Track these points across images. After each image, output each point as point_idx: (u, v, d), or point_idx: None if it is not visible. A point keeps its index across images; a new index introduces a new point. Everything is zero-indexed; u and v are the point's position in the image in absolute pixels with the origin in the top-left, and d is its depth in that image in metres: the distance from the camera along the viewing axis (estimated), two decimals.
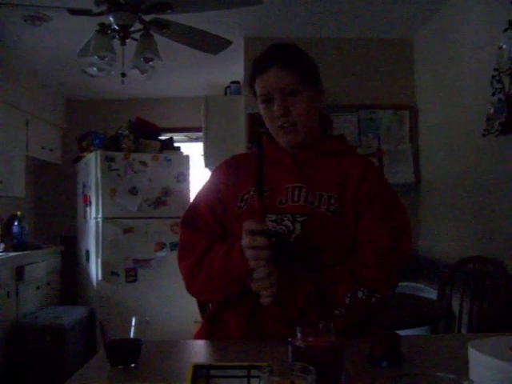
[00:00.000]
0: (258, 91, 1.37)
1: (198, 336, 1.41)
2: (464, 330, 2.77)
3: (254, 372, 0.73)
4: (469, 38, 3.01)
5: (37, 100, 4.82)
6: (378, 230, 1.29)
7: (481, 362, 0.64)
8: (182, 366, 1.01)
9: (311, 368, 0.63)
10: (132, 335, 1.09)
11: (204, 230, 1.40)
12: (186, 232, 1.43)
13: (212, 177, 1.51)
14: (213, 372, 0.75)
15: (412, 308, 2.54)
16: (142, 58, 2.77)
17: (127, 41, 2.80)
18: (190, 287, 1.38)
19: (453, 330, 2.85)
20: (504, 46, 2.46)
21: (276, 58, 1.35)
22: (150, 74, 2.87)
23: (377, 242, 1.28)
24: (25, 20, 3.29)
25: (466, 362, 0.70)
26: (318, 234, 1.29)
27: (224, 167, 1.51)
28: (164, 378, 0.97)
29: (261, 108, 1.39)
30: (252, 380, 0.72)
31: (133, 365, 1.06)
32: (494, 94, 2.58)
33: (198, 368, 0.76)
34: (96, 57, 2.66)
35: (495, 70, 2.56)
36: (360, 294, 1.23)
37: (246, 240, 1.19)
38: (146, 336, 1.09)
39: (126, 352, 1.07)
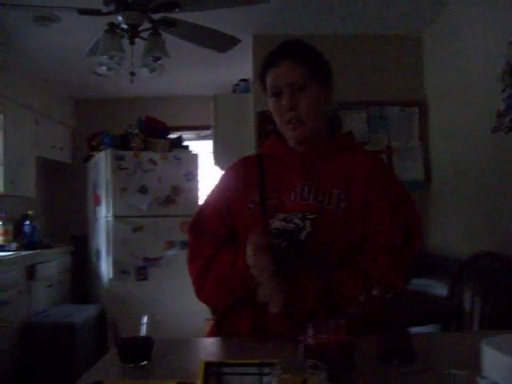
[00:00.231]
0: (268, 85, 1.38)
1: (210, 334, 1.41)
2: (475, 328, 2.75)
3: (265, 369, 0.73)
4: (479, 34, 2.99)
5: (46, 99, 4.85)
6: (389, 227, 1.29)
7: (494, 360, 0.63)
8: (194, 363, 1.02)
9: (323, 365, 0.63)
10: (143, 333, 1.10)
11: (212, 235, 1.41)
12: (194, 236, 1.44)
13: (221, 180, 1.52)
14: (224, 369, 0.76)
15: (422, 305, 2.53)
16: (151, 56, 2.77)
17: (136, 40, 2.81)
18: (199, 293, 1.39)
19: (464, 327, 2.83)
20: None
21: (287, 53, 1.37)
22: (159, 73, 2.88)
23: (388, 239, 1.28)
24: (34, 20, 3.31)
25: (479, 359, 0.70)
26: (328, 232, 1.29)
27: (233, 170, 1.52)
28: (175, 375, 0.97)
29: (270, 102, 1.40)
30: (264, 377, 0.72)
31: (144, 362, 1.07)
32: (504, 90, 2.56)
33: (209, 365, 0.76)
34: (105, 56, 2.67)
35: (506, 65, 2.54)
36: (374, 292, 1.22)
37: (249, 257, 1.20)
38: (157, 334, 1.10)
39: (137, 350, 1.08)
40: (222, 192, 1.48)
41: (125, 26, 2.71)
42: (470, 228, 3.14)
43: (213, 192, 1.51)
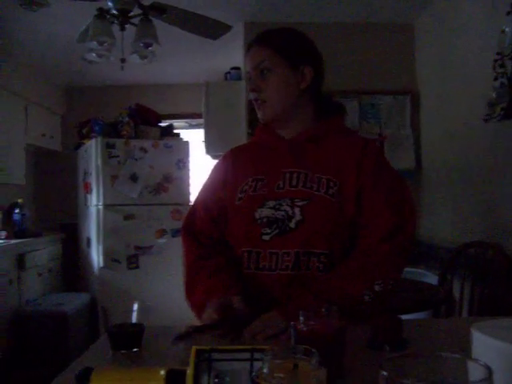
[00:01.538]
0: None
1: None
2: (465, 315, 2.77)
3: (257, 355, 0.73)
4: (471, 22, 2.98)
5: (36, 86, 4.80)
6: (382, 212, 1.29)
7: (483, 344, 0.64)
8: (185, 349, 1.02)
9: (314, 351, 0.63)
10: (134, 320, 1.09)
11: (200, 238, 1.44)
12: (185, 239, 1.47)
13: (211, 174, 1.53)
14: (215, 355, 0.75)
15: (413, 293, 2.55)
16: (142, 43, 2.75)
17: (126, 26, 2.78)
18: (187, 300, 1.40)
19: (453, 314, 2.86)
20: (507, 30, 2.44)
21: (256, 39, 1.40)
22: (150, 60, 2.85)
23: (381, 224, 1.28)
24: (21, 5, 3.25)
25: (468, 344, 0.70)
26: (318, 218, 1.29)
27: (222, 162, 1.52)
28: (166, 362, 0.97)
29: None
30: (255, 363, 0.72)
31: (135, 349, 1.07)
32: (496, 79, 2.56)
33: (200, 352, 0.76)
34: (95, 42, 2.63)
35: (497, 54, 2.54)
36: (377, 288, 1.22)
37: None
38: (147, 321, 1.10)
39: (128, 337, 1.07)
40: (211, 188, 1.49)
41: (115, 12, 2.68)
42: (461, 217, 3.16)
43: (203, 188, 1.52)
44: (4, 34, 3.90)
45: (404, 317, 1.17)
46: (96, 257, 4.25)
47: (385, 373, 0.37)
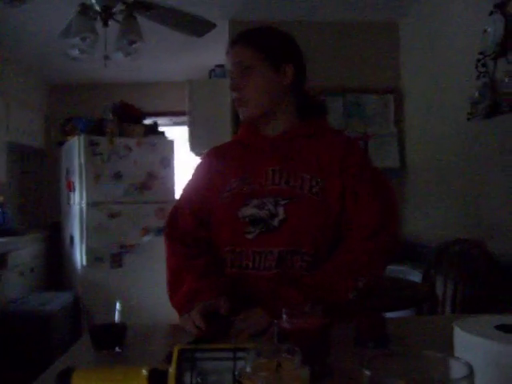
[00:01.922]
0: None
1: None
2: (447, 313, 2.80)
3: (239, 354, 0.73)
4: (455, 22, 3.01)
5: (18, 84, 4.73)
6: (366, 210, 1.29)
7: (465, 341, 0.64)
8: (168, 349, 1.01)
9: (297, 349, 0.62)
10: (116, 319, 1.08)
11: (184, 238, 1.41)
12: (168, 239, 1.44)
13: (194, 174, 1.52)
14: (198, 355, 0.75)
15: (396, 291, 2.56)
16: (126, 40, 2.72)
17: (110, 23, 2.75)
18: (170, 299, 1.38)
19: (436, 312, 2.88)
20: (489, 30, 2.46)
21: (236, 38, 1.40)
22: (134, 57, 2.83)
23: (365, 222, 1.28)
24: (1, 0, 3.20)
25: (451, 341, 0.70)
26: (301, 217, 1.29)
27: (205, 161, 1.51)
28: (149, 361, 0.97)
29: None
30: (238, 362, 0.72)
31: (117, 349, 1.05)
32: (478, 78, 2.59)
33: (183, 351, 0.75)
34: (78, 38, 2.61)
35: (480, 53, 2.56)
36: (360, 284, 1.22)
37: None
38: (131, 320, 1.09)
39: (110, 336, 1.06)
40: (195, 187, 1.48)
41: (98, 8, 2.65)
42: (445, 215, 3.19)
43: (187, 187, 1.50)
44: None
45: (387, 315, 1.18)
46: (79, 255, 4.21)
47: (367, 372, 0.37)
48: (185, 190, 1.50)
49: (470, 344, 0.62)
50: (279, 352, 0.64)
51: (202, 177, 1.48)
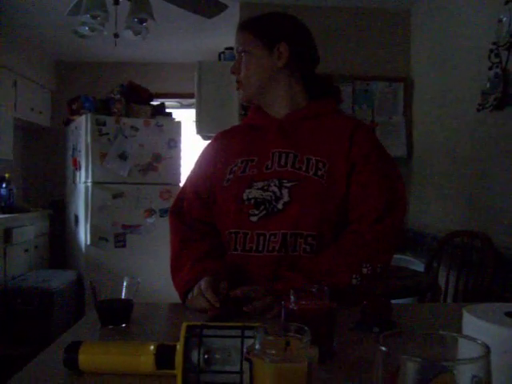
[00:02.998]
0: None
1: None
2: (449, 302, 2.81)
3: (248, 332, 0.73)
4: (468, 10, 2.97)
5: (26, 60, 4.72)
6: (373, 193, 1.29)
7: (475, 327, 0.64)
8: (173, 327, 1.01)
9: (306, 328, 0.62)
10: (123, 296, 1.09)
11: (188, 220, 1.43)
12: (172, 221, 1.46)
13: (200, 157, 1.52)
14: (206, 331, 0.75)
15: (399, 279, 2.57)
16: (136, 18, 2.70)
17: (121, 0, 2.73)
18: (173, 280, 1.38)
19: (438, 301, 2.89)
20: (504, 19, 2.43)
21: (239, 25, 1.44)
22: (144, 36, 2.81)
23: (371, 206, 1.28)
24: None
25: (457, 328, 0.70)
26: (306, 200, 1.28)
27: (211, 145, 1.52)
28: (155, 338, 0.97)
29: None
30: (246, 340, 0.72)
31: (123, 325, 1.06)
32: (490, 69, 2.56)
33: (191, 327, 0.75)
34: (88, 16, 2.58)
35: (493, 43, 2.53)
36: (365, 271, 1.22)
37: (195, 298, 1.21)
38: (136, 297, 1.09)
39: (117, 312, 1.07)
40: (200, 172, 1.48)
41: None
42: (450, 206, 3.18)
43: (193, 170, 1.51)
44: None
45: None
46: (83, 234, 4.23)
47: (384, 348, 0.37)
48: (191, 173, 1.51)
49: (480, 329, 0.62)
50: (288, 331, 0.64)
51: (207, 160, 1.48)
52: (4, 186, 4.28)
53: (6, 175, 4.34)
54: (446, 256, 2.87)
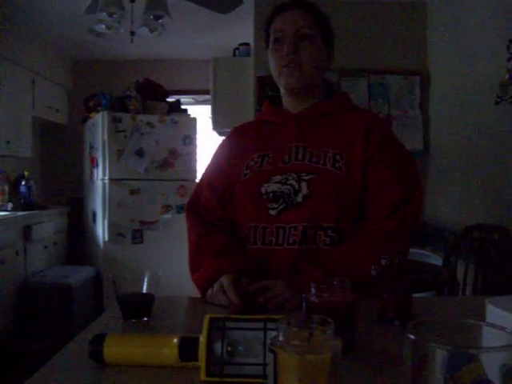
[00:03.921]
0: (273, 30, 1.37)
1: None
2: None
3: (270, 325, 0.73)
4: (485, 1, 2.94)
5: (43, 59, 4.77)
6: (389, 185, 1.29)
7: (499, 318, 0.64)
8: (194, 320, 1.02)
9: (330, 320, 0.63)
10: (145, 290, 1.10)
11: (204, 215, 1.43)
12: (189, 216, 1.45)
13: (216, 152, 1.52)
14: (229, 324, 0.76)
15: (417, 274, 2.55)
16: (152, 15, 2.71)
17: None
18: (192, 276, 1.38)
19: (456, 296, 2.87)
20: None
21: (297, 3, 1.37)
22: (160, 33, 2.82)
23: (388, 197, 1.28)
24: None
25: (479, 320, 0.70)
26: (325, 192, 1.28)
27: (227, 140, 1.52)
28: (176, 330, 0.98)
29: (270, 50, 1.38)
30: (269, 332, 0.73)
31: (145, 318, 1.07)
32: (509, 60, 2.53)
33: (214, 320, 0.76)
34: (104, 13, 2.60)
35: None
36: (384, 262, 1.22)
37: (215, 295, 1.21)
38: (157, 291, 1.10)
39: (138, 305, 1.08)
40: (216, 166, 1.48)
41: None
42: (467, 199, 3.15)
43: (209, 166, 1.51)
44: (13, 5, 3.86)
45: None
46: (101, 231, 4.27)
47: (412, 336, 0.37)
48: (207, 169, 1.51)
49: (504, 321, 0.62)
50: (311, 323, 0.64)
51: (223, 155, 1.48)
52: (23, 183, 4.34)
53: (26, 173, 4.39)
54: (464, 250, 2.85)
